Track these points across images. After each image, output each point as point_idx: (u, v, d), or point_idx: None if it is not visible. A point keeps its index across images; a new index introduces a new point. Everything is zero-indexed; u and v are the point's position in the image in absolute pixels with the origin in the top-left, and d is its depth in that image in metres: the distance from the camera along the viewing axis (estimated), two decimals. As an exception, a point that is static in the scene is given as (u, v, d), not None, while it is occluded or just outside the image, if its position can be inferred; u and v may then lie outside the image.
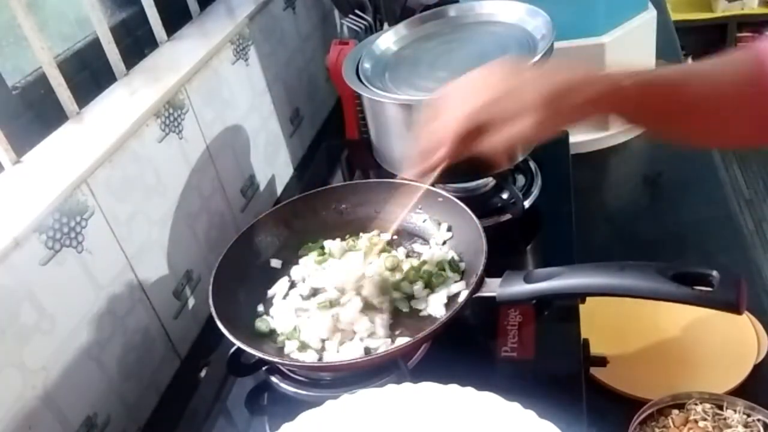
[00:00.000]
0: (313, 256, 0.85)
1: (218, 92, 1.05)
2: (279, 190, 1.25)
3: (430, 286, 0.78)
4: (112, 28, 0.93)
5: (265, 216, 0.87)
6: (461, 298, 0.73)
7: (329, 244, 0.86)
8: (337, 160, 1.23)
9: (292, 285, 0.83)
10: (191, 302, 0.95)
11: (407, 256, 0.84)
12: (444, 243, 0.84)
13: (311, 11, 1.41)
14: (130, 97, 0.90)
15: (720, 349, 0.82)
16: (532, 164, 1.01)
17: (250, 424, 0.75)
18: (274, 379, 0.74)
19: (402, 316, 0.77)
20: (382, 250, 0.84)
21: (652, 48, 1.21)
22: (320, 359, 0.72)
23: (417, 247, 0.86)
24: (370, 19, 1.28)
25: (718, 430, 0.71)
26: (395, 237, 0.88)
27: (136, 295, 0.85)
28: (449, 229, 0.85)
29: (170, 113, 0.92)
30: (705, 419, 0.71)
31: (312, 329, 0.74)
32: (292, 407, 0.64)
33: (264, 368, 0.75)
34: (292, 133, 1.31)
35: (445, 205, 0.84)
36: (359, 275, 0.80)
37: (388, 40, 1.00)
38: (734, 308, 0.61)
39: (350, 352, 0.72)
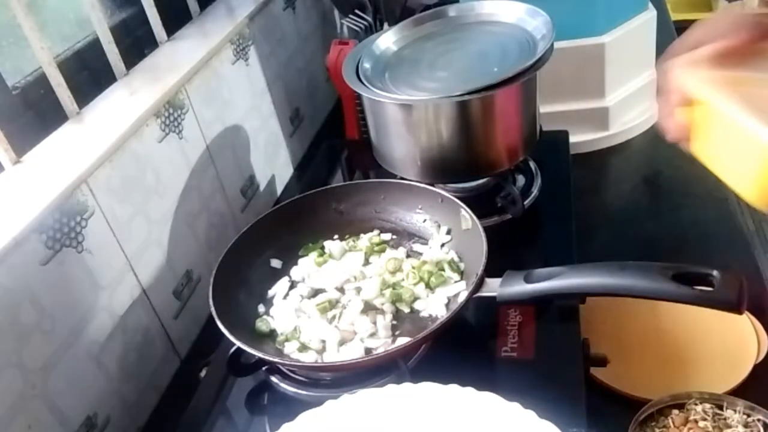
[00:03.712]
0: (313, 256, 0.85)
1: (218, 92, 1.05)
2: (279, 190, 1.25)
3: (430, 287, 0.78)
4: (112, 28, 0.93)
5: (265, 216, 0.87)
6: (461, 298, 0.73)
7: (329, 245, 0.86)
8: (337, 160, 1.23)
9: (293, 285, 0.83)
10: (191, 302, 0.95)
11: (407, 256, 0.84)
12: (443, 246, 0.84)
13: (311, 11, 1.41)
14: (130, 97, 0.90)
15: (720, 349, 0.82)
16: (532, 164, 1.01)
17: (250, 424, 0.75)
18: (274, 379, 0.74)
19: (402, 316, 0.77)
20: (383, 250, 0.85)
21: (652, 48, 1.21)
22: (320, 359, 0.72)
23: (417, 247, 0.86)
24: (370, 19, 1.28)
25: (718, 430, 0.71)
26: (395, 237, 0.88)
27: (136, 295, 0.85)
28: (448, 232, 0.85)
29: (170, 113, 0.92)
30: (705, 419, 0.71)
31: (312, 330, 0.74)
32: (292, 407, 0.64)
33: (264, 368, 0.75)
34: (292, 133, 1.31)
35: (445, 205, 0.85)
36: (359, 276, 0.80)
37: (388, 40, 1.00)
38: (734, 308, 0.61)
39: (350, 353, 0.72)
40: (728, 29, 0.56)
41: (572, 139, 1.09)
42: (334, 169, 1.20)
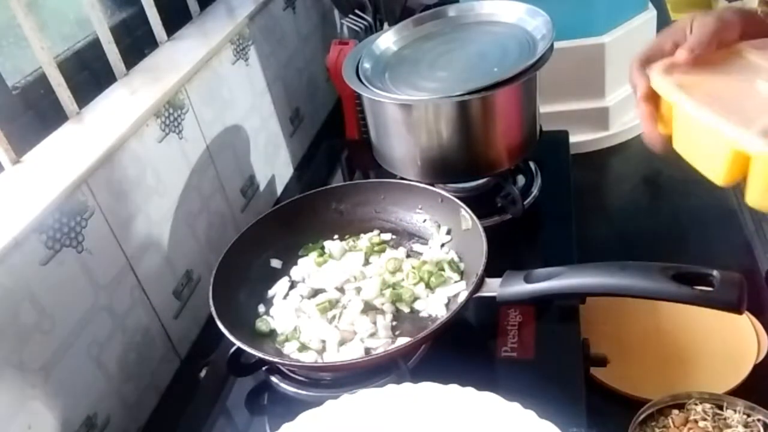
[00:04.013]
0: (313, 256, 0.85)
1: (218, 92, 1.05)
2: (279, 190, 1.25)
3: (430, 286, 0.78)
4: (112, 28, 0.93)
5: (265, 216, 0.87)
6: (461, 299, 0.73)
7: (329, 245, 0.86)
8: (337, 160, 1.23)
9: (293, 285, 0.83)
10: (191, 302, 0.95)
11: (407, 256, 0.84)
12: (443, 246, 0.84)
13: (311, 11, 1.41)
14: (130, 97, 0.90)
15: (720, 349, 0.82)
16: (532, 164, 1.01)
17: (250, 424, 0.75)
18: (274, 379, 0.74)
19: (402, 316, 0.77)
20: (383, 250, 0.85)
21: (652, 48, 1.21)
22: (320, 359, 0.72)
23: (417, 247, 0.86)
24: (370, 19, 1.28)
25: (718, 430, 0.71)
26: (395, 237, 0.88)
27: (136, 295, 0.85)
28: (448, 233, 0.85)
29: (170, 113, 0.92)
30: (705, 419, 0.71)
31: (312, 330, 0.74)
32: (292, 407, 0.64)
33: (264, 368, 0.75)
34: (292, 133, 1.31)
35: (445, 205, 0.85)
36: (359, 276, 0.80)
37: (388, 40, 1.00)
38: (734, 308, 0.61)
39: (350, 353, 0.72)
40: (707, 29, 0.60)
41: (572, 139, 1.09)
42: (334, 169, 1.20)
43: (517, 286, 0.70)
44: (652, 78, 0.60)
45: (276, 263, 0.86)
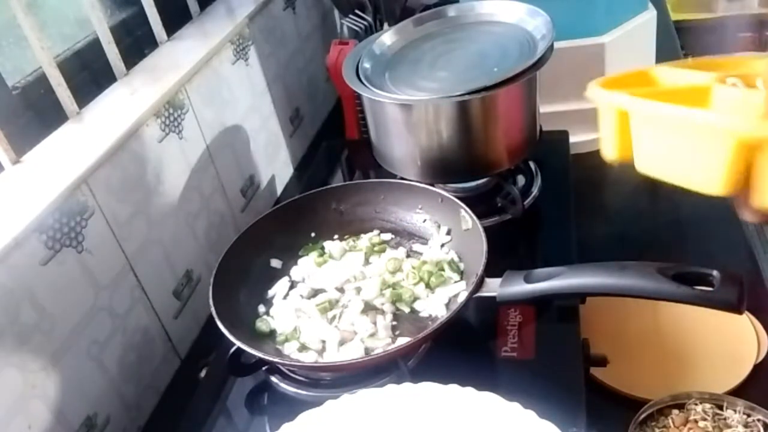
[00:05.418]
0: (313, 256, 0.85)
1: (218, 92, 1.05)
2: (279, 190, 1.25)
3: (430, 287, 0.78)
4: (112, 28, 0.93)
5: (265, 216, 0.87)
6: (461, 299, 0.73)
7: (329, 245, 0.86)
8: (337, 160, 1.23)
9: (293, 285, 0.83)
10: (191, 302, 0.95)
11: (407, 256, 0.84)
12: (443, 246, 0.84)
13: (311, 11, 1.41)
14: (130, 97, 0.90)
15: (720, 349, 0.82)
16: (532, 164, 1.01)
17: (250, 424, 0.75)
18: (274, 379, 0.74)
19: (402, 316, 0.77)
20: (383, 250, 0.85)
21: (652, 48, 1.21)
22: (320, 359, 0.72)
23: (417, 247, 0.86)
24: (370, 19, 1.28)
25: (718, 430, 0.71)
26: (395, 237, 0.88)
27: (136, 295, 0.85)
28: (448, 232, 0.85)
29: (170, 113, 0.92)
30: (705, 419, 0.71)
31: (312, 330, 0.75)
32: (292, 407, 0.64)
33: (264, 368, 0.75)
34: (292, 133, 1.31)
35: (445, 205, 0.85)
36: (359, 276, 0.80)
37: (388, 40, 1.00)
38: (734, 308, 0.61)
39: (350, 353, 0.72)
40: None
41: (572, 139, 1.09)
42: (334, 169, 1.20)
43: (517, 286, 0.70)
44: (596, 93, 0.53)
45: (276, 263, 0.86)
